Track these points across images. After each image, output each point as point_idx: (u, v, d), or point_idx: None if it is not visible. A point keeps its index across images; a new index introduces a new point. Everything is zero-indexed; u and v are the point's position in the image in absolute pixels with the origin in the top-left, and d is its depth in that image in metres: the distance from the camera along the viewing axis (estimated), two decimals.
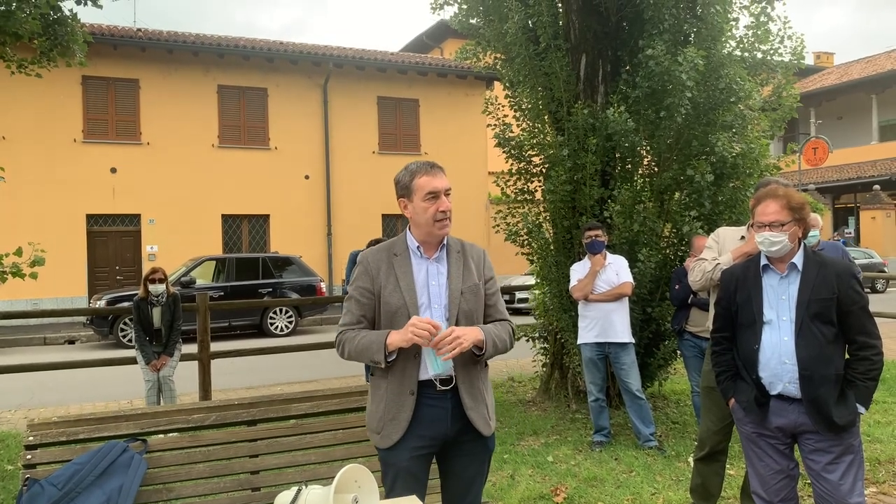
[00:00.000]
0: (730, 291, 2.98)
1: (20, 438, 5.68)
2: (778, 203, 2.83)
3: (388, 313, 2.45)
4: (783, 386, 2.79)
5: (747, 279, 2.92)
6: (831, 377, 2.72)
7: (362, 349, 2.41)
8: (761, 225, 2.84)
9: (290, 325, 14.65)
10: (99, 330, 13.23)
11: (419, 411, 2.42)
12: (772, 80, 6.68)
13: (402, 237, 2.57)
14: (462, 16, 7.21)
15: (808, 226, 2.91)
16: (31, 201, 16.45)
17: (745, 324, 2.89)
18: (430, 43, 28.11)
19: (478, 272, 2.56)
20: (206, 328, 7.17)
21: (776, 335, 2.80)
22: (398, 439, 2.42)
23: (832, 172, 26.57)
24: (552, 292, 6.61)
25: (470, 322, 2.48)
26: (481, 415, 2.48)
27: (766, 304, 2.84)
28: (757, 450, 2.94)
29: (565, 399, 6.83)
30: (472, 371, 2.49)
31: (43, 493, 2.65)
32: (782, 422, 2.83)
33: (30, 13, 6.07)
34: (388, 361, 2.38)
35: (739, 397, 2.93)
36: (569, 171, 6.18)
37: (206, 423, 3.08)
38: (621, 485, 4.59)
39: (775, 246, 2.80)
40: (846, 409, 2.72)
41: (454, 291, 2.47)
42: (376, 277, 2.48)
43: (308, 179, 19.49)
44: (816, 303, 2.74)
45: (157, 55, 17.85)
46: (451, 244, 2.57)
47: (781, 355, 2.78)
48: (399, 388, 2.43)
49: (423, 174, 2.47)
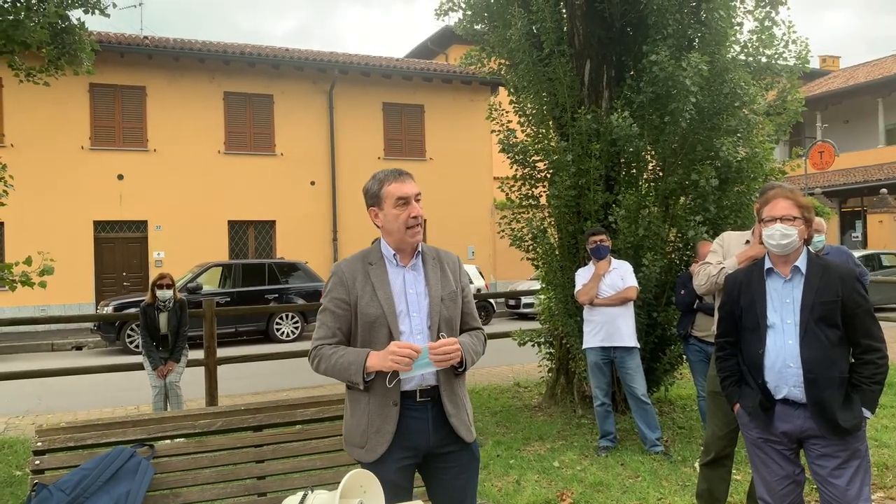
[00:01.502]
0: (734, 296, 2.97)
1: (28, 444, 5.70)
2: (788, 201, 2.84)
3: (367, 323, 2.41)
4: (788, 390, 2.78)
5: (751, 283, 2.91)
6: (836, 380, 2.71)
7: (340, 369, 2.37)
8: (772, 219, 2.81)
9: (296, 331, 14.68)
10: (106, 336, 13.30)
11: (402, 423, 2.40)
12: (776, 85, 6.68)
13: (377, 246, 2.54)
14: (466, 22, 7.23)
15: (813, 229, 2.90)
16: (38, 208, 16.55)
17: (750, 328, 2.88)
18: (434, 49, 28.16)
19: (454, 279, 2.54)
20: (213, 334, 7.20)
21: (780, 339, 2.78)
22: (383, 452, 2.39)
23: (839, 176, 26.48)
24: (557, 297, 6.61)
25: (450, 328, 2.48)
26: (463, 421, 2.47)
27: (769, 308, 2.83)
28: (763, 455, 2.93)
29: (571, 404, 6.82)
30: (453, 380, 2.48)
31: (51, 498, 2.66)
32: (788, 427, 2.81)
33: (38, 22, 6.12)
34: (366, 383, 2.35)
35: (744, 402, 2.92)
36: (573, 177, 6.19)
37: (212, 428, 3.10)
38: (627, 490, 4.59)
39: (786, 239, 2.77)
40: (851, 413, 2.70)
41: (434, 298, 2.46)
42: (352, 288, 2.44)
43: (314, 185, 19.56)
44: (821, 306, 2.72)
45: (164, 62, 17.96)
46: (425, 251, 2.55)
47: (786, 359, 2.77)
48: (382, 400, 2.39)
49: (392, 181, 2.45)
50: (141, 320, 6.48)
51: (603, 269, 5.52)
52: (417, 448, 2.44)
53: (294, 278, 15.35)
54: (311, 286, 15.20)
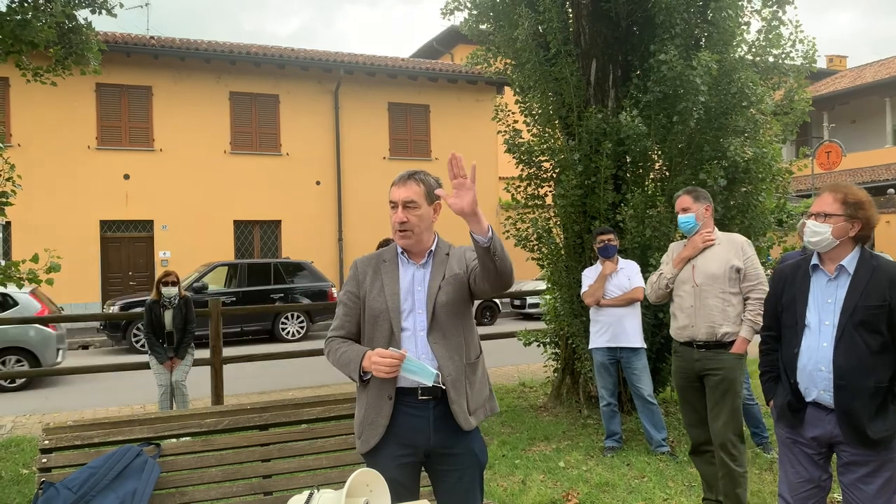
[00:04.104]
0: (777, 290, 2.88)
1: (35, 442, 5.72)
2: (832, 195, 2.72)
3: (371, 318, 2.49)
4: (818, 393, 2.68)
5: (795, 279, 2.81)
6: (870, 389, 2.57)
7: (343, 364, 2.47)
8: (808, 215, 2.75)
9: (301, 331, 14.70)
10: (112, 335, 13.33)
11: (397, 418, 2.42)
12: (784, 84, 6.65)
13: (393, 244, 2.59)
14: (472, 22, 7.22)
15: (870, 227, 2.71)
16: (45, 207, 16.61)
17: (788, 325, 2.79)
18: (440, 49, 28.18)
19: (459, 264, 2.54)
20: (219, 333, 7.21)
21: (815, 340, 2.68)
22: (375, 444, 2.44)
23: (846, 176, 26.36)
24: (563, 297, 6.60)
25: (450, 313, 2.47)
26: (462, 408, 2.45)
27: (810, 307, 2.73)
28: (790, 455, 2.85)
29: (577, 404, 6.81)
30: (464, 368, 2.47)
31: (58, 496, 2.67)
32: (817, 432, 2.71)
33: (45, 22, 6.14)
34: (363, 380, 2.45)
35: (776, 400, 2.86)
36: (580, 176, 6.17)
37: (218, 427, 3.10)
38: (633, 490, 4.57)
39: (816, 237, 2.69)
40: (884, 424, 2.57)
41: (431, 290, 2.48)
42: (363, 282, 2.53)
43: (319, 185, 19.57)
44: (863, 310, 2.58)
45: (170, 62, 18.00)
46: (439, 249, 2.57)
47: (818, 362, 2.66)
48: (378, 393, 2.45)
49: (393, 185, 2.51)
50: (146, 317, 6.49)
51: (609, 269, 5.51)
52: (416, 446, 2.44)
53: (299, 278, 15.37)
54: (316, 286, 15.21)
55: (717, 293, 3.90)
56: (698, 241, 4.02)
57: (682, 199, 4.09)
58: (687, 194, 4.10)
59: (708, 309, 3.90)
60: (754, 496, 4.36)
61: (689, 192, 4.12)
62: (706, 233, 4.03)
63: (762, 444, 5.35)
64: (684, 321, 4.00)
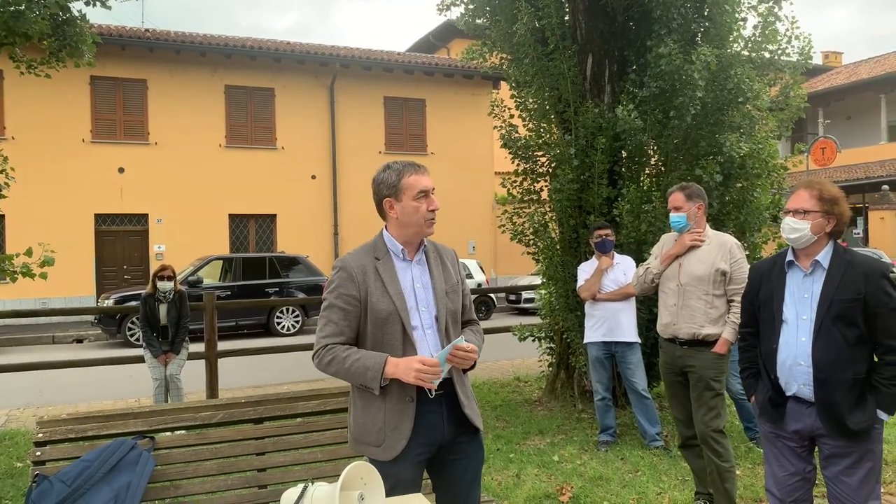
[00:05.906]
0: (754, 287, 2.92)
1: (29, 436, 5.71)
2: (808, 192, 2.75)
3: (378, 320, 2.38)
4: (798, 387, 2.72)
5: (772, 275, 2.85)
6: (848, 381, 2.62)
7: (355, 373, 2.33)
8: (785, 211, 2.78)
9: (296, 325, 14.70)
10: (107, 329, 13.30)
11: (419, 418, 2.38)
12: (779, 80, 6.65)
13: (380, 239, 2.49)
14: (468, 16, 7.20)
15: (843, 223, 2.76)
16: (39, 201, 16.54)
17: (766, 321, 2.83)
18: (436, 43, 28.09)
19: (454, 272, 2.55)
20: (214, 327, 7.20)
21: (794, 335, 2.72)
22: (402, 450, 2.35)
23: (840, 173, 26.43)
24: (558, 292, 6.61)
25: (455, 320, 2.50)
26: (475, 411, 2.50)
27: (786, 302, 2.77)
28: (774, 450, 2.89)
29: (571, 399, 6.83)
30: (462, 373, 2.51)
31: (52, 489, 2.67)
32: (799, 426, 2.76)
33: (39, 14, 6.10)
34: (381, 388, 2.35)
35: (757, 396, 2.89)
36: (576, 171, 6.18)
37: (213, 420, 3.10)
38: (627, 484, 4.59)
39: (795, 233, 2.73)
40: (863, 415, 2.62)
41: (439, 292, 2.46)
42: (362, 283, 2.39)
43: (315, 179, 19.54)
44: (839, 303, 2.63)
45: (165, 56, 17.93)
46: (427, 245, 2.54)
47: (797, 356, 2.70)
48: (399, 398, 2.36)
49: (413, 173, 2.42)
50: (141, 310, 6.48)
51: (606, 264, 5.52)
52: (433, 443, 2.43)
53: (295, 272, 15.36)
54: (311, 280, 15.21)
55: (700, 294, 3.92)
56: (686, 241, 4.03)
57: (675, 196, 4.07)
58: (680, 191, 4.07)
59: (690, 309, 3.93)
60: (747, 490, 4.38)
61: (682, 189, 4.08)
62: (696, 232, 4.03)
63: (755, 439, 5.37)
64: (668, 318, 4.05)
